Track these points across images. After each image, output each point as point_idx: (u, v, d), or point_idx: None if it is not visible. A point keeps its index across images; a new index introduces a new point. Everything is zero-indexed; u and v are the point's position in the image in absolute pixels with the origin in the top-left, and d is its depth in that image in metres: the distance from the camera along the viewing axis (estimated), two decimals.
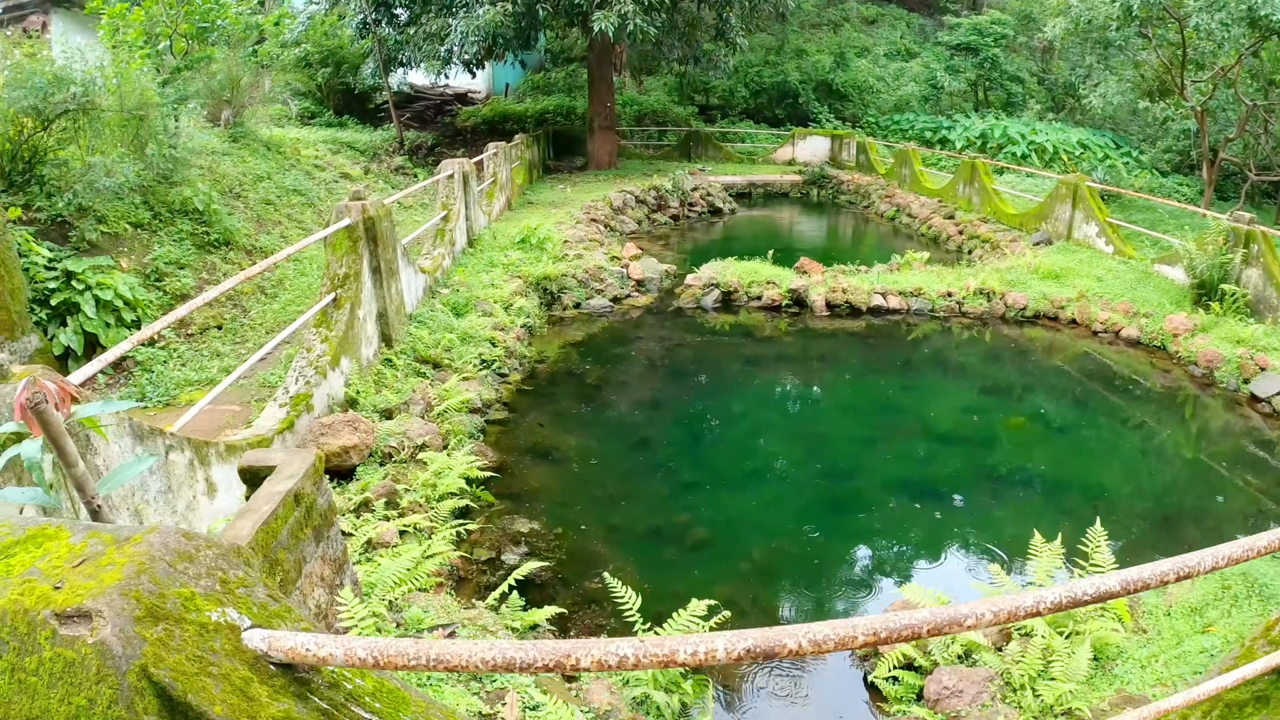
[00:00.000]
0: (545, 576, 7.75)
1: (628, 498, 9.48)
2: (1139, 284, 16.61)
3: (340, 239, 10.11)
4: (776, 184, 32.19)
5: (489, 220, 19.36)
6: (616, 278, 16.72)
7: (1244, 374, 12.99)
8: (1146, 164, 32.33)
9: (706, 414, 11.83)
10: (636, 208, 25.07)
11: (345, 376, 9.62)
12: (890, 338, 15.12)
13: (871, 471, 10.26)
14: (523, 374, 12.67)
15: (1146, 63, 26.19)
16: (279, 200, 17.80)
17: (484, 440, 10.27)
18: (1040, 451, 11.09)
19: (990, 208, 23.49)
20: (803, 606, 7.74)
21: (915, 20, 51.53)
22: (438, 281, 14.12)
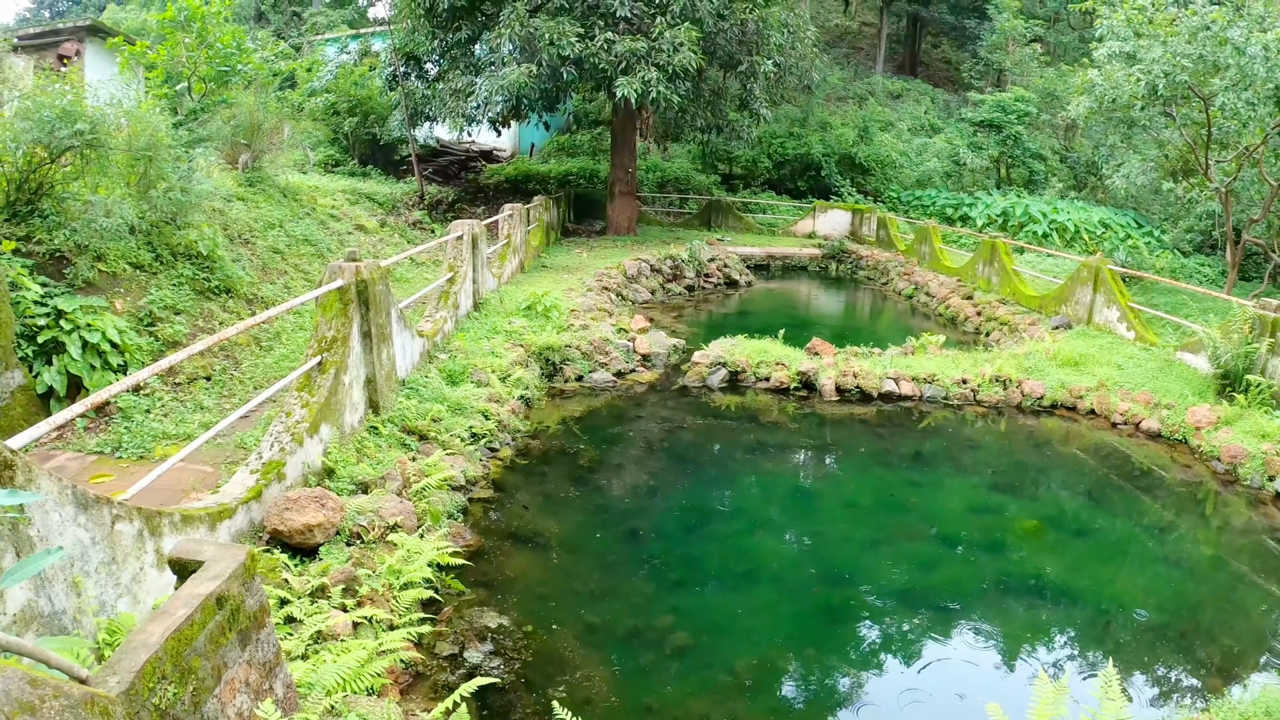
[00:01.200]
0: (508, 680, 7.14)
1: (609, 594, 8.81)
2: (1160, 373, 15.84)
3: (331, 300, 9.65)
4: (795, 257, 31.80)
5: (499, 283, 18.90)
6: (622, 351, 16.15)
7: (1269, 471, 12.13)
8: (1168, 244, 31.88)
9: (701, 505, 11.14)
10: (651, 276, 24.61)
11: (324, 445, 9.06)
12: (901, 426, 14.40)
13: (871, 577, 9.52)
14: (514, 450, 12.06)
15: (1170, 142, 25.69)
16: (288, 249, 17.44)
17: (464, 520, 9.72)
18: (1053, 558, 10.28)
19: (1009, 289, 22.88)
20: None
21: (940, 96, 51.69)
22: (437, 346, 13.59)
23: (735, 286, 27.07)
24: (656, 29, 23.06)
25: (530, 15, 23.30)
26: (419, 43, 27.68)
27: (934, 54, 62.69)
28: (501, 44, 23.34)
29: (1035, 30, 48.55)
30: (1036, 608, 9.15)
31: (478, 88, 24.32)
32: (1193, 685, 7.98)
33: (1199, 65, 20.11)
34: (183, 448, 7.98)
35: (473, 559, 8.91)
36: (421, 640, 7.30)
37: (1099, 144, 37.79)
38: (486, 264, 17.58)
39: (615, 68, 22.99)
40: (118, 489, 7.86)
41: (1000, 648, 8.48)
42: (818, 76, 37.08)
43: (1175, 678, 8.14)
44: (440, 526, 9.00)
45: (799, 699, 7.44)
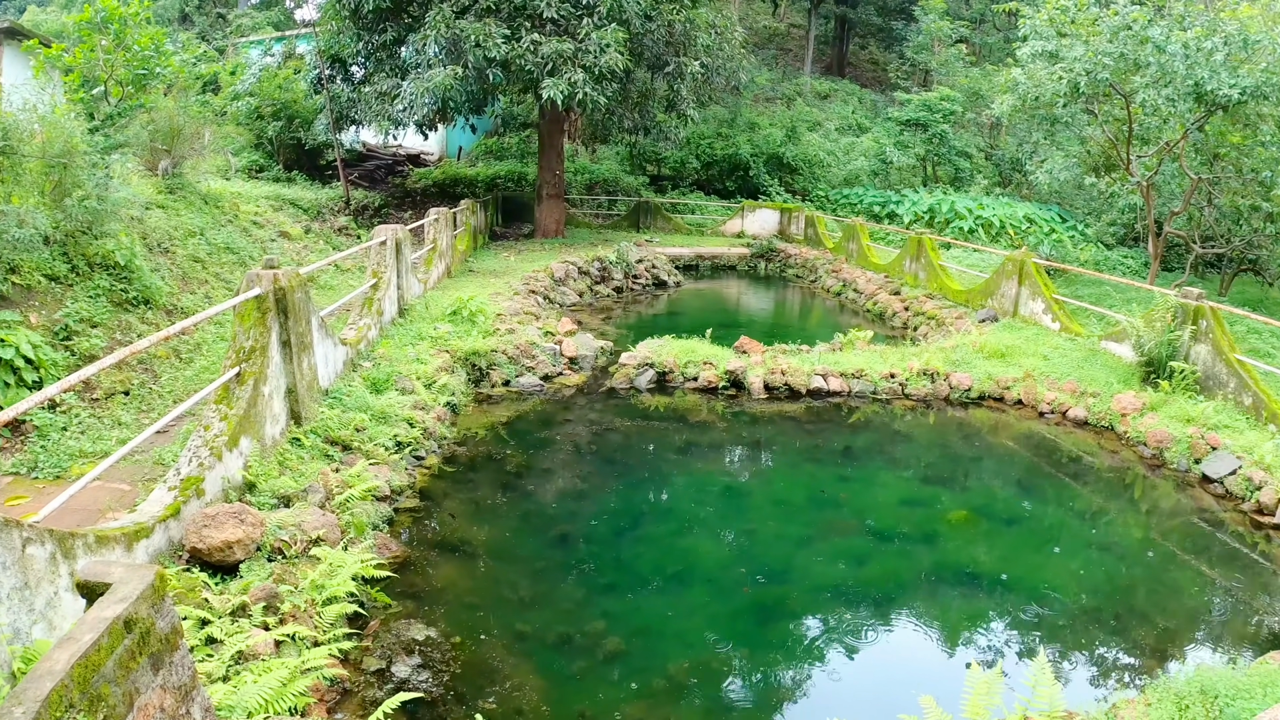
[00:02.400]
0: (437, 693, 6.95)
1: (539, 601, 8.62)
2: (1086, 362, 16.11)
3: (249, 309, 9.33)
4: (724, 256, 31.88)
5: (425, 289, 18.60)
6: (549, 354, 15.93)
7: (1195, 454, 12.55)
8: (1092, 238, 32.37)
9: (631, 507, 11.01)
10: (579, 279, 24.44)
11: (245, 458, 8.74)
12: (830, 422, 14.41)
13: (804, 574, 9.46)
14: (441, 458, 11.81)
15: (1093, 139, 26.15)
16: (209, 258, 16.98)
17: (390, 532, 9.46)
18: (985, 547, 10.34)
19: (936, 284, 23.11)
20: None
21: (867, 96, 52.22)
22: (361, 354, 13.30)
23: (664, 287, 27.05)
24: (583, 30, 22.94)
25: (456, 17, 23.01)
26: (344, 45, 27.26)
27: (861, 55, 63.33)
28: (427, 46, 23.02)
29: (961, 31, 49.16)
30: (971, 597, 9.17)
31: (403, 90, 23.98)
32: (1129, 666, 8.08)
33: (1120, 63, 20.56)
34: (98, 466, 7.67)
35: (399, 570, 8.70)
36: (348, 656, 7.12)
37: (1023, 141, 38.45)
38: (411, 269, 17.28)
39: (542, 69, 22.80)
40: (32, 510, 7.64)
41: (936, 639, 8.48)
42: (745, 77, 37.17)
43: (1111, 660, 8.22)
44: (365, 538, 8.77)
45: (734, 700, 7.34)
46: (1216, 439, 12.50)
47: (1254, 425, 12.97)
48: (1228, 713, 6.18)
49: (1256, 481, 11.51)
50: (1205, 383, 14.21)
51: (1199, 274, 29.00)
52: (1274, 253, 25.20)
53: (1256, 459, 11.80)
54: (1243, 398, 13.53)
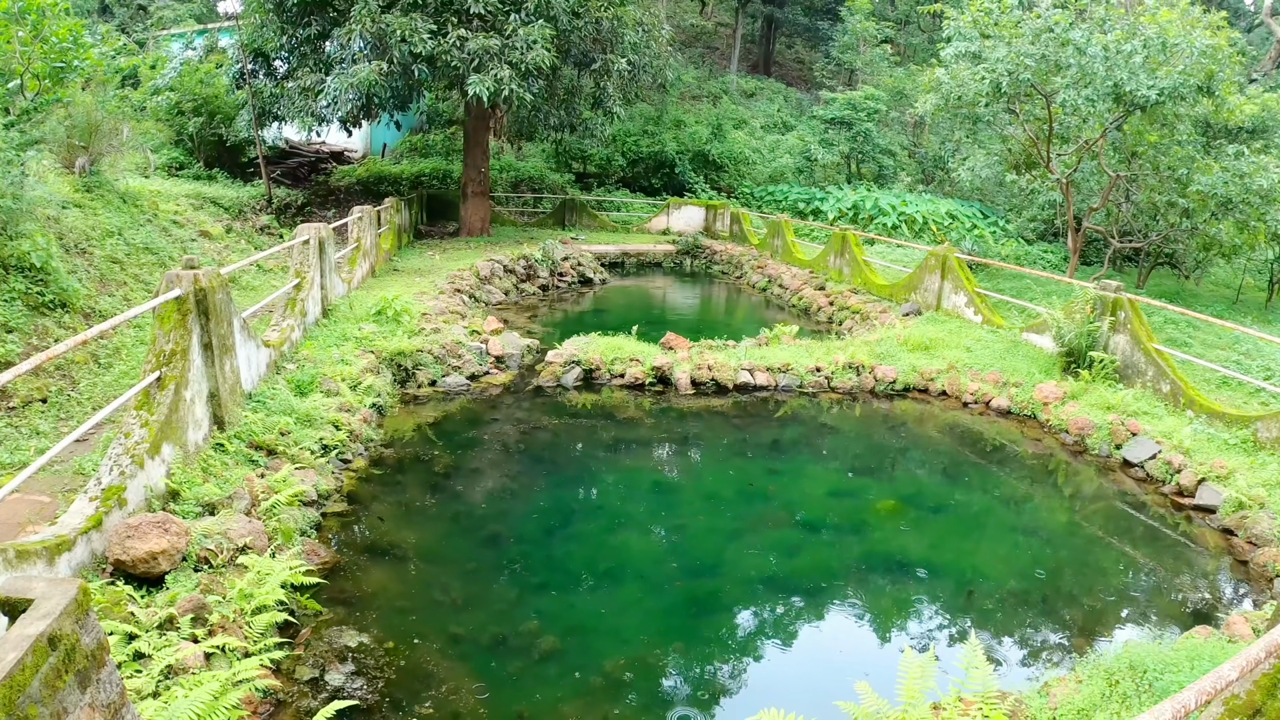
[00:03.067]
0: (372, 700, 6.87)
1: (472, 602, 8.54)
2: (1008, 353, 16.45)
3: (168, 311, 9.07)
4: (650, 254, 31.93)
5: (349, 289, 18.30)
6: (475, 353, 15.80)
7: (1115, 440, 12.98)
8: (1013, 233, 33.00)
9: (561, 505, 10.97)
10: (504, 277, 24.28)
11: (167, 466, 8.47)
12: (757, 416, 14.50)
13: (735, 567, 9.51)
14: (368, 460, 11.64)
15: (1014, 137, 26.62)
16: (128, 259, 16.50)
17: (318, 537, 9.30)
18: (915, 535, 10.50)
19: (861, 279, 23.35)
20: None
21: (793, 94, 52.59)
22: (284, 356, 13.01)
23: (590, 285, 27.00)
24: (510, 26, 22.75)
25: (382, 11, 22.63)
26: (267, 39, 26.59)
27: (788, 54, 63.73)
28: (352, 40, 22.62)
29: (886, 32, 49.82)
30: (902, 584, 9.31)
31: (327, 86, 23.52)
32: (1060, 646, 8.28)
33: (1042, 65, 21.07)
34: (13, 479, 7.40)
35: (329, 576, 8.57)
36: (280, 666, 7.04)
37: (946, 140, 39.12)
38: (335, 269, 17.02)
39: (468, 65, 22.57)
40: None
41: (869, 626, 8.60)
42: (672, 75, 37.24)
43: (1043, 641, 8.43)
44: (293, 545, 8.66)
45: (671, 694, 7.36)
46: (1136, 425, 12.94)
47: (1172, 411, 13.44)
48: (1156, 686, 6.36)
49: (1176, 465, 11.96)
50: (1124, 371, 14.67)
51: (1117, 268, 29.68)
52: (1189, 247, 26.03)
53: (1175, 443, 12.26)
54: (1161, 385, 13.98)
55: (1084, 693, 6.48)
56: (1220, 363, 15.95)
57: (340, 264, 18.49)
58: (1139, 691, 6.36)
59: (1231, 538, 10.50)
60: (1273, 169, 20.97)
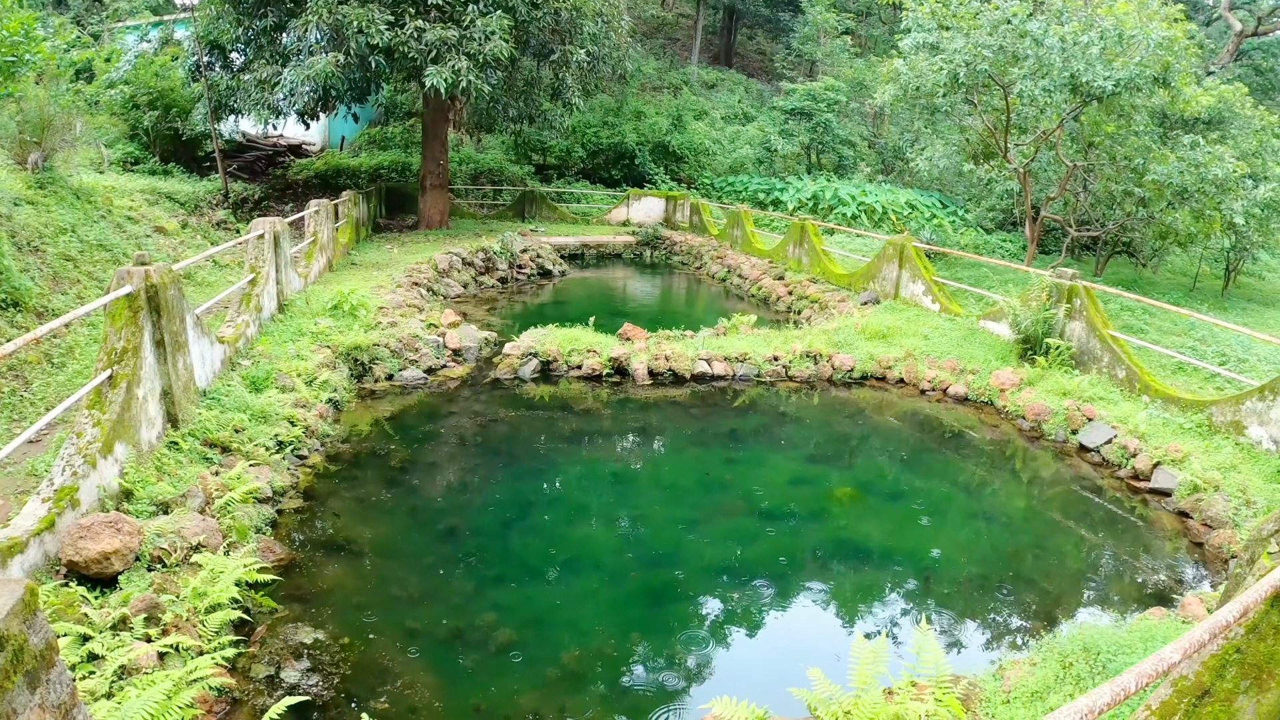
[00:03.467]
0: (328, 696, 6.85)
1: (428, 596, 8.54)
2: (965, 341, 16.60)
3: (120, 308, 8.99)
4: (610, 245, 31.89)
5: (305, 283, 18.15)
6: (432, 347, 15.73)
7: (1071, 425, 13.14)
8: (972, 222, 33.23)
9: (518, 498, 10.91)
10: (463, 270, 24.17)
11: (121, 465, 8.41)
12: (715, 406, 14.53)
13: (693, 557, 9.52)
14: (325, 456, 11.54)
15: (972, 128, 26.77)
16: (81, 256, 16.25)
17: (274, 534, 9.25)
18: (872, 522, 10.60)
19: (820, 268, 23.44)
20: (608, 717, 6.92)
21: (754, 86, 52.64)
22: (239, 352, 12.86)
23: (549, 276, 26.94)
24: (468, 17, 22.56)
25: (339, 3, 22.42)
26: (223, 31, 26.14)
27: (748, 45, 63.79)
28: (309, 32, 22.35)
29: (846, 24, 50.06)
30: (860, 571, 9.38)
31: (284, 78, 23.24)
32: (1017, 629, 8.38)
33: (999, 56, 21.24)
34: None
35: (285, 573, 8.54)
36: (235, 664, 7.03)
37: (905, 130, 39.25)
38: (291, 263, 16.85)
39: (425, 57, 22.38)
40: None
41: (826, 613, 8.67)
42: (632, 66, 37.25)
43: (1000, 624, 8.52)
44: (248, 542, 8.58)
45: (627, 683, 7.36)
46: (1092, 410, 13.12)
47: (1128, 397, 13.64)
48: (1110, 667, 6.45)
49: (1131, 449, 12.13)
50: (1080, 358, 14.87)
51: (1075, 256, 29.98)
52: (1146, 235, 26.30)
53: (1131, 428, 12.42)
54: (1116, 371, 14.18)
55: (1037, 675, 6.55)
56: (1175, 349, 16.24)
57: (297, 259, 18.37)
58: (1092, 673, 6.44)
59: (1187, 520, 10.64)
60: (1228, 159, 21.26)
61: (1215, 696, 4.35)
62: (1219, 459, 11.35)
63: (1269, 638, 4.28)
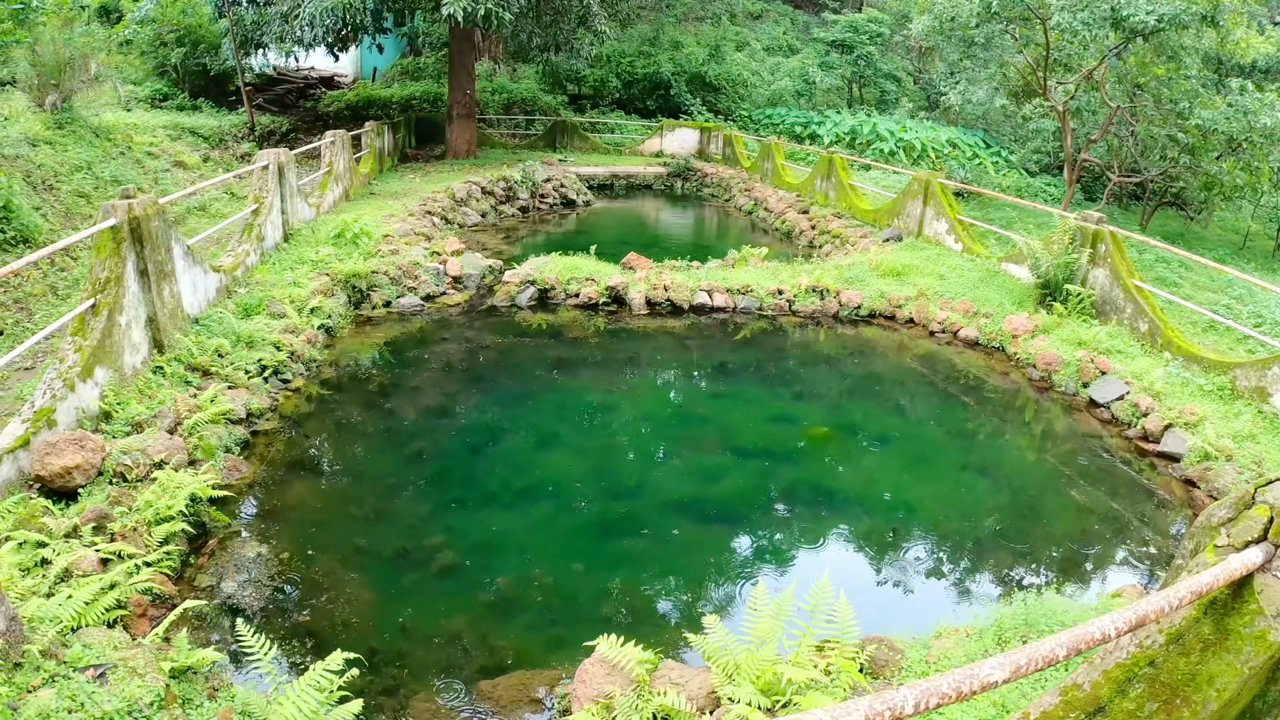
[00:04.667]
0: (256, 606, 7.09)
1: (383, 517, 8.63)
2: (983, 283, 16.17)
3: (104, 240, 9.39)
4: (640, 176, 31.60)
5: (318, 213, 18.25)
6: (432, 274, 15.75)
7: (1083, 377, 12.52)
8: (1016, 164, 32.51)
9: (492, 424, 10.90)
10: (482, 199, 24.08)
11: (100, 388, 8.88)
12: (710, 339, 14.36)
13: (655, 491, 9.42)
14: (307, 379, 11.72)
15: (1012, 63, 26.14)
16: (95, 193, 16.73)
17: (245, 453, 9.52)
18: (848, 467, 10.35)
19: (846, 203, 23.07)
20: (522, 649, 6.84)
21: (800, 18, 51.71)
22: (237, 280, 13.11)
23: (573, 206, 26.74)
24: None
25: None
26: None
27: None
28: None
29: None
30: (823, 518, 9.15)
31: (303, 9, 23.22)
32: (977, 594, 8.02)
33: None
34: None
35: (247, 491, 8.85)
36: (182, 574, 7.35)
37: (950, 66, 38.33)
38: (299, 193, 16.96)
39: None
40: None
41: (776, 561, 8.44)
42: None
43: (959, 588, 8.18)
44: (215, 461, 8.85)
45: (554, 615, 7.34)
46: (1106, 363, 12.50)
47: (1148, 351, 12.99)
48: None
49: (1143, 408, 11.41)
50: (1101, 307, 14.30)
51: (1123, 206, 29.27)
52: (1191, 185, 25.35)
53: (1145, 385, 11.77)
54: (1138, 323, 13.55)
55: (965, 649, 6.14)
56: (1209, 306, 15.50)
57: (311, 189, 18.62)
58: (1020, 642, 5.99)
59: (1193, 490, 9.92)
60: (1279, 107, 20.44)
61: (1109, 717, 3.88)
62: (1236, 426, 10.60)
63: (1194, 653, 3.73)
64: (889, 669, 5.96)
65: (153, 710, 5.19)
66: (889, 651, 6.13)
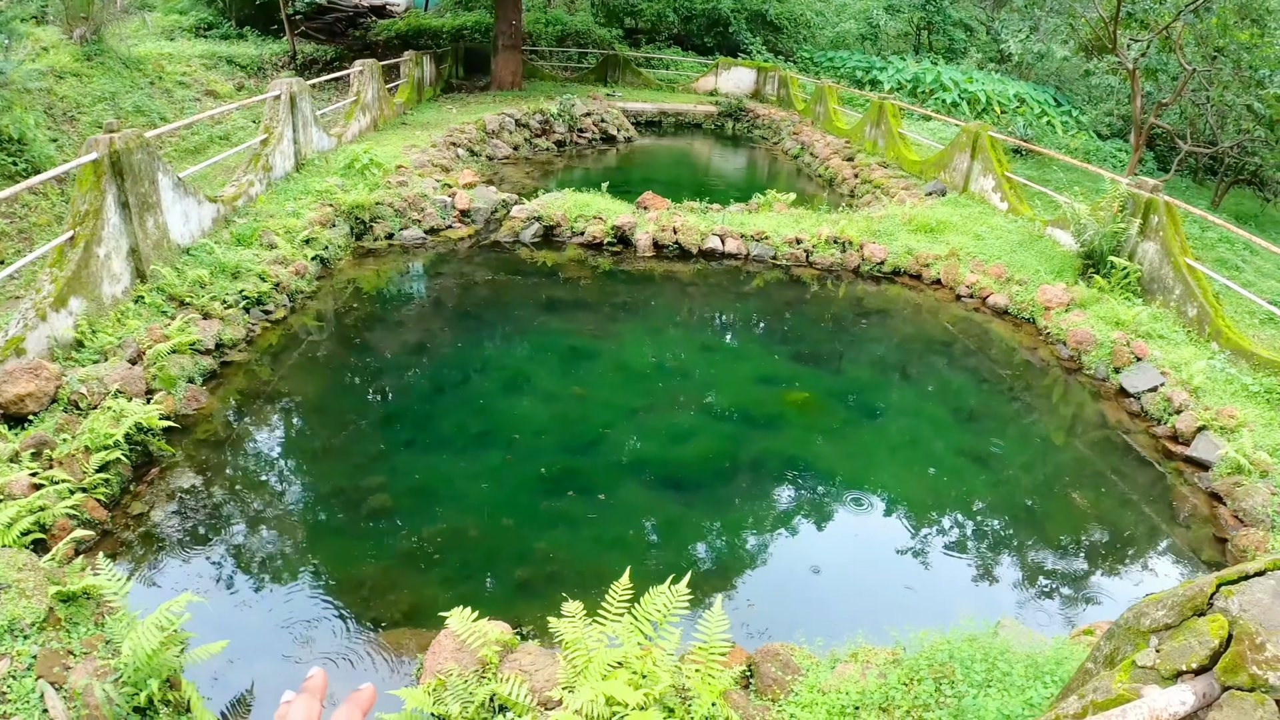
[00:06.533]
0: (177, 537, 7.22)
1: (329, 454, 8.53)
2: (1022, 247, 15.29)
3: (85, 174, 9.61)
4: (690, 114, 31.05)
5: (339, 142, 18.26)
6: (439, 207, 15.52)
7: (1116, 361, 11.52)
8: (1086, 125, 31.55)
9: (465, 364, 10.64)
10: (516, 132, 23.76)
11: (75, 318, 9.15)
12: (716, 286, 13.91)
13: (615, 448, 9.03)
14: (292, 311, 11.67)
15: (1085, 17, 25.14)
16: (119, 124, 16.72)
17: (210, 384, 9.62)
18: (834, 441, 9.61)
19: (894, 152, 22.32)
20: (424, 603, 6.58)
21: None
22: (237, 210, 13.16)
23: (613, 142, 26.35)
24: None
25: None
26: None
27: None
28: None
29: None
30: (788, 495, 8.63)
31: None
32: (928, 607, 7.06)
33: None
34: None
35: (203, 421, 8.93)
36: (120, 502, 7.50)
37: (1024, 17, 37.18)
38: (316, 123, 16.96)
39: None
40: None
41: (713, 536, 7.93)
42: None
43: (905, 597, 7.29)
44: (175, 391, 8.99)
45: (471, 570, 7.12)
46: (1144, 348, 11.49)
47: (1193, 340, 11.97)
48: (963, 707, 5.05)
49: (1177, 404, 10.37)
50: (1148, 285, 13.32)
51: (1197, 180, 28.17)
52: (1267, 161, 23.86)
53: (1183, 378, 10.71)
54: (1186, 307, 12.55)
55: (863, 684, 5.30)
56: (1271, 297, 14.22)
57: (334, 118, 18.84)
58: (926, 707, 5.09)
59: (1218, 506, 8.83)
60: None
61: None
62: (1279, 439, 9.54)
63: None
64: (776, 690, 5.37)
65: (33, 630, 5.31)
66: (783, 671, 5.50)
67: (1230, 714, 2.53)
